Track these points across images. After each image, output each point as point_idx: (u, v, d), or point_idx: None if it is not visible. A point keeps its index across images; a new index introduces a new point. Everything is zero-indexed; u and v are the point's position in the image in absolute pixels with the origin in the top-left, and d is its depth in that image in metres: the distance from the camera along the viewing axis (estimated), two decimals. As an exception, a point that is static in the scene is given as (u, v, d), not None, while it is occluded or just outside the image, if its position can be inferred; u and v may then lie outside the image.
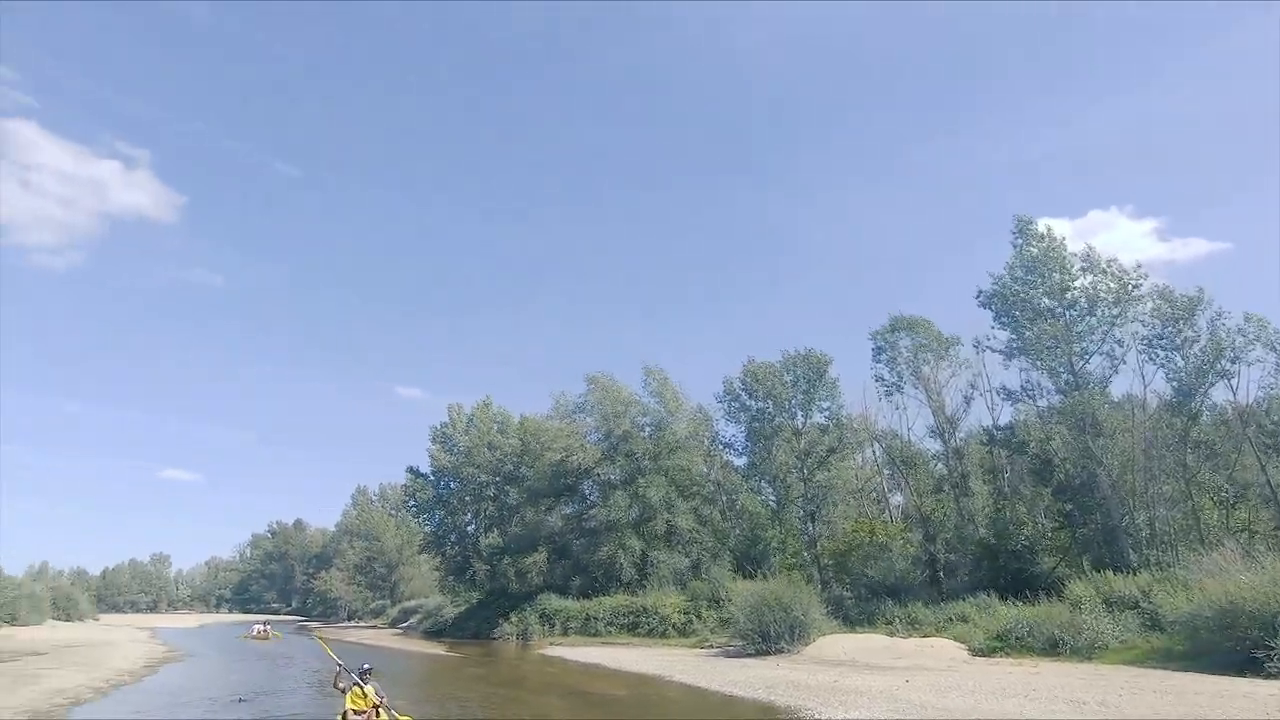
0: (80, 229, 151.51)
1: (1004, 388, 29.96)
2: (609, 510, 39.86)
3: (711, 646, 28.36)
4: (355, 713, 11.25)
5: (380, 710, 11.62)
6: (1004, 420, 30.49)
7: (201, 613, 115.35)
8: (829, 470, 37.89)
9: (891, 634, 23.71)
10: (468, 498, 53.65)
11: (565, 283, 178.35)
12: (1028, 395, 28.96)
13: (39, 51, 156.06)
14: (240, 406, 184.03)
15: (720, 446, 44.20)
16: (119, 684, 20.06)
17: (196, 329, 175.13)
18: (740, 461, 43.64)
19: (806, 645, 23.72)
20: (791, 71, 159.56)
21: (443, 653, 33.75)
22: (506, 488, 50.86)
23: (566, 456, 42.14)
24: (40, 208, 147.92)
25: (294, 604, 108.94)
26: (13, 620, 47.71)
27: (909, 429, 34.37)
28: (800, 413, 38.91)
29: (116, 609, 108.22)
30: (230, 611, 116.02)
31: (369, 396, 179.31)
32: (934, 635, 22.62)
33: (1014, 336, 28.68)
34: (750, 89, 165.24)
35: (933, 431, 32.90)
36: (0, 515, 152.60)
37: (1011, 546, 27.13)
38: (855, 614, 27.40)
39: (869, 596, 28.69)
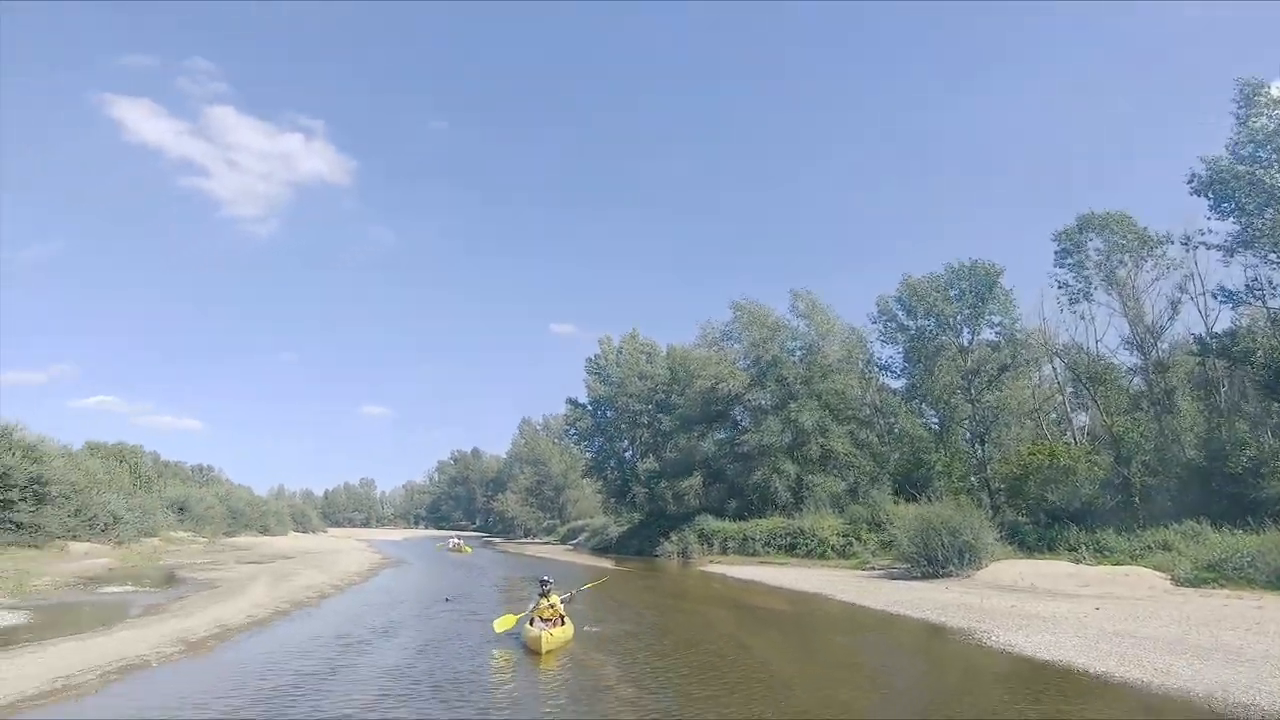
0: (276, 199, 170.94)
1: (1222, 289, 25.79)
2: (761, 435, 40.00)
3: (873, 569, 28.12)
4: (543, 619, 12.23)
5: (565, 618, 12.63)
6: (1221, 326, 26.40)
7: (403, 528, 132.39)
8: (1000, 390, 35.24)
9: (1077, 561, 22.11)
10: (623, 425, 56.22)
11: (707, 210, 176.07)
12: (1255, 296, 24.68)
13: (226, 39, 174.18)
14: (420, 351, 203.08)
15: (875, 369, 42.51)
16: (351, 583, 23.80)
17: (376, 282, 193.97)
18: (898, 384, 41.75)
19: (978, 570, 22.78)
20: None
21: (610, 566, 36.41)
22: (659, 415, 52.59)
23: (716, 384, 42.56)
24: (245, 183, 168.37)
25: (477, 522, 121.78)
26: (265, 531, 58.15)
27: (1097, 341, 30.83)
28: (967, 329, 36.19)
29: (337, 524, 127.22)
30: (426, 528, 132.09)
31: (527, 334, 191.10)
32: (1128, 564, 20.77)
33: (1239, 227, 24.34)
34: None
35: (1128, 343, 29.31)
36: (243, 448, 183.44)
37: (1230, 469, 23.85)
38: (1033, 540, 25.82)
39: (1049, 522, 26.82)
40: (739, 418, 45.37)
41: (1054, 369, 36.25)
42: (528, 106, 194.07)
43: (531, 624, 12.11)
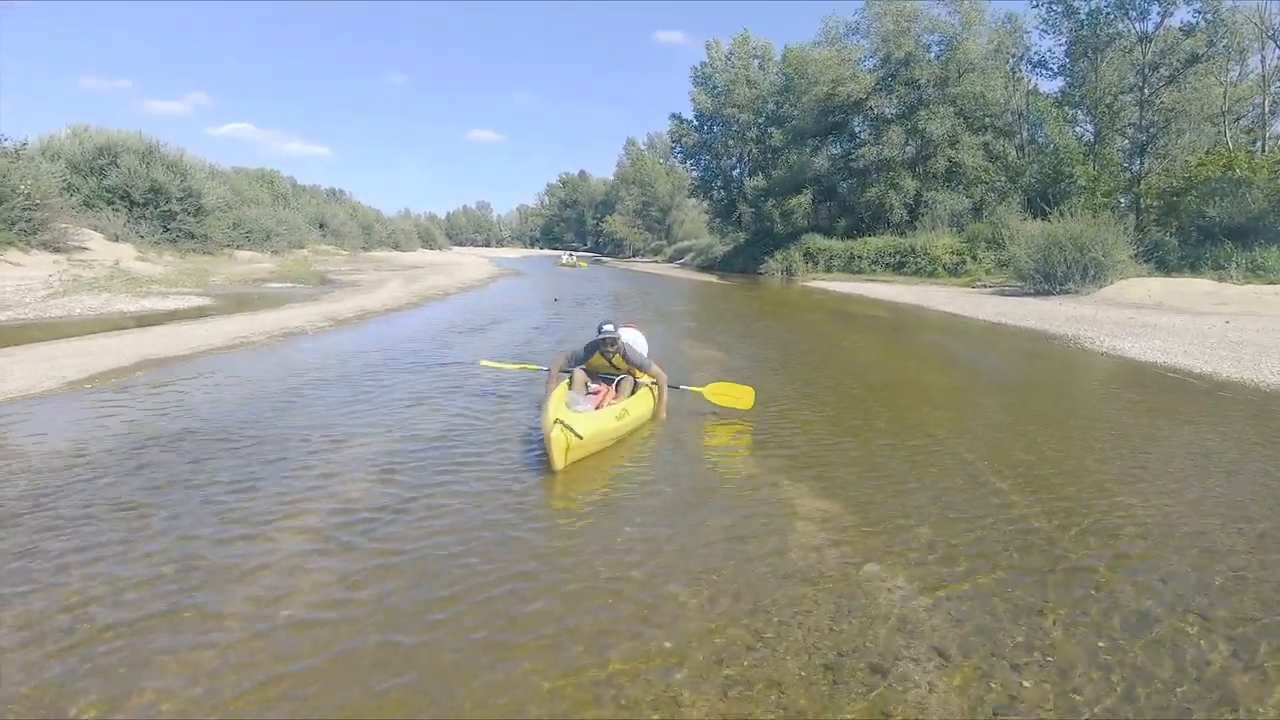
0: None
1: None
2: (881, 148, 36.86)
3: (985, 286, 27.25)
4: (590, 390, 6.05)
5: (636, 383, 6.14)
6: None
7: (520, 249, 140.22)
8: (1182, 89, 29.69)
9: (1220, 279, 20.28)
10: (730, 141, 53.22)
11: None
12: None
13: None
14: (526, 71, 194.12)
15: (1028, 67, 36.47)
16: (473, 287, 26.09)
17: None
18: (1052, 86, 36.04)
19: (1101, 288, 21.50)
20: None
21: (714, 281, 37.49)
22: (770, 130, 49.06)
23: (835, 89, 38.31)
24: None
25: (588, 243, 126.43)
26: (396, 247, 63.42)
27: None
28: (1156, 8, 29.52)
29: (459, 244, 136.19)
30: (540, 248, 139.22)
31: (631, 46, 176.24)
32: (1285, 284, 18.80)
33: None
34: None
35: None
36: (369, 174, 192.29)
37: None
38: (1175, 260, 23.62)
39: (1200, 240, 24.18)
40: (858, 129, 41.64)
41: (1262, 60, 29.60)
42: None
43: (570, 384, 6.04)
